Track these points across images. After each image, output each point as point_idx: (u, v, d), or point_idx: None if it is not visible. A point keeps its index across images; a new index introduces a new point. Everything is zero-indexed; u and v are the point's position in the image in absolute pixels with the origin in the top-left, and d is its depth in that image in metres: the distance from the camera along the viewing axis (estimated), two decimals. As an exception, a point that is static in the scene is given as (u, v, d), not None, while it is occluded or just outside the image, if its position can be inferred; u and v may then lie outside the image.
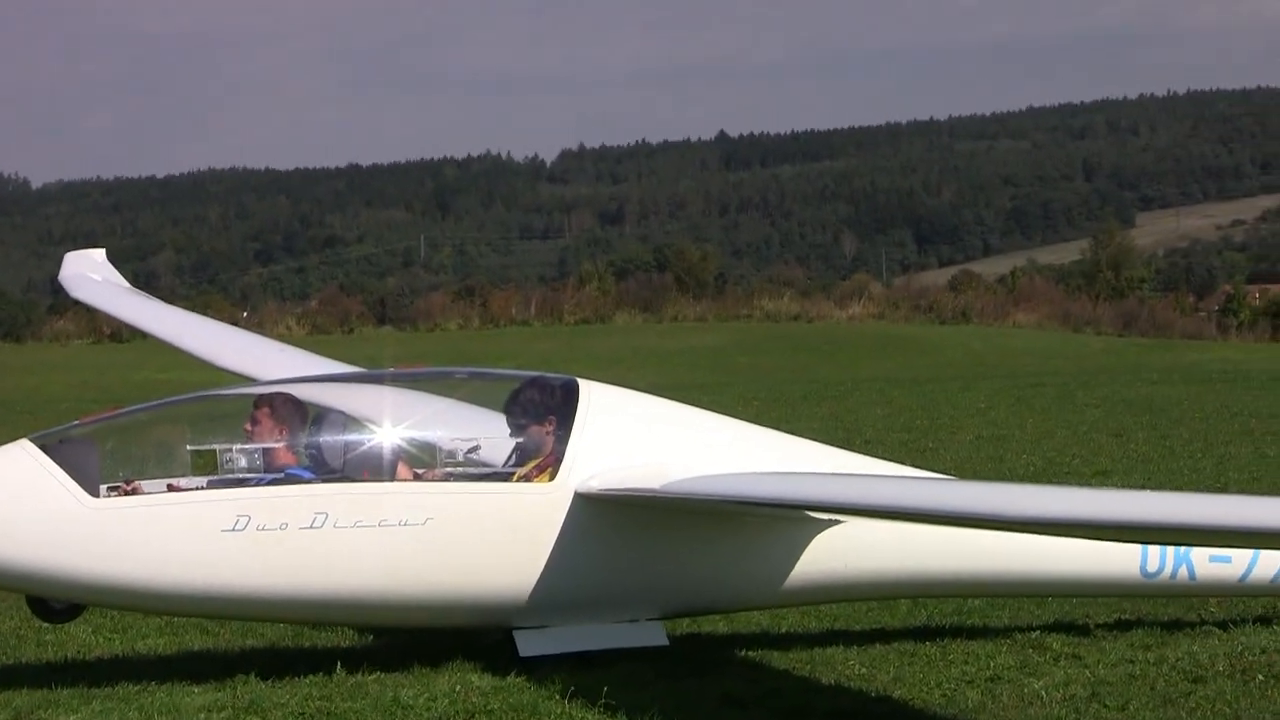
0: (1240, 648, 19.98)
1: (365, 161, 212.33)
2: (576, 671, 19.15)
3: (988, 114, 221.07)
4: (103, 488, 18.98)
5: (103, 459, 19.26)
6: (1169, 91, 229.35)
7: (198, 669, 19.73)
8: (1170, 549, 20.26)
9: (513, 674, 19.24)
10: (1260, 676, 18.89)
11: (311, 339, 55.53)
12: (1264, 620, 20.83)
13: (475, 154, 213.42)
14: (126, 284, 34.90)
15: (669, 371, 31.30)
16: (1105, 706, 18.02)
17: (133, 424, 20.31)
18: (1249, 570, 20.50)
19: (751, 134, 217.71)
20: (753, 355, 65.97)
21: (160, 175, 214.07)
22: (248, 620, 20.52)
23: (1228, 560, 20.45)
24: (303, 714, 18.01)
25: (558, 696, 18.34)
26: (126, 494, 19.03)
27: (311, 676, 19.19)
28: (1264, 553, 20.27)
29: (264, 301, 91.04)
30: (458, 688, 18.81)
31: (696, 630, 20.93)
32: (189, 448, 19.62)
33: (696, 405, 21.29)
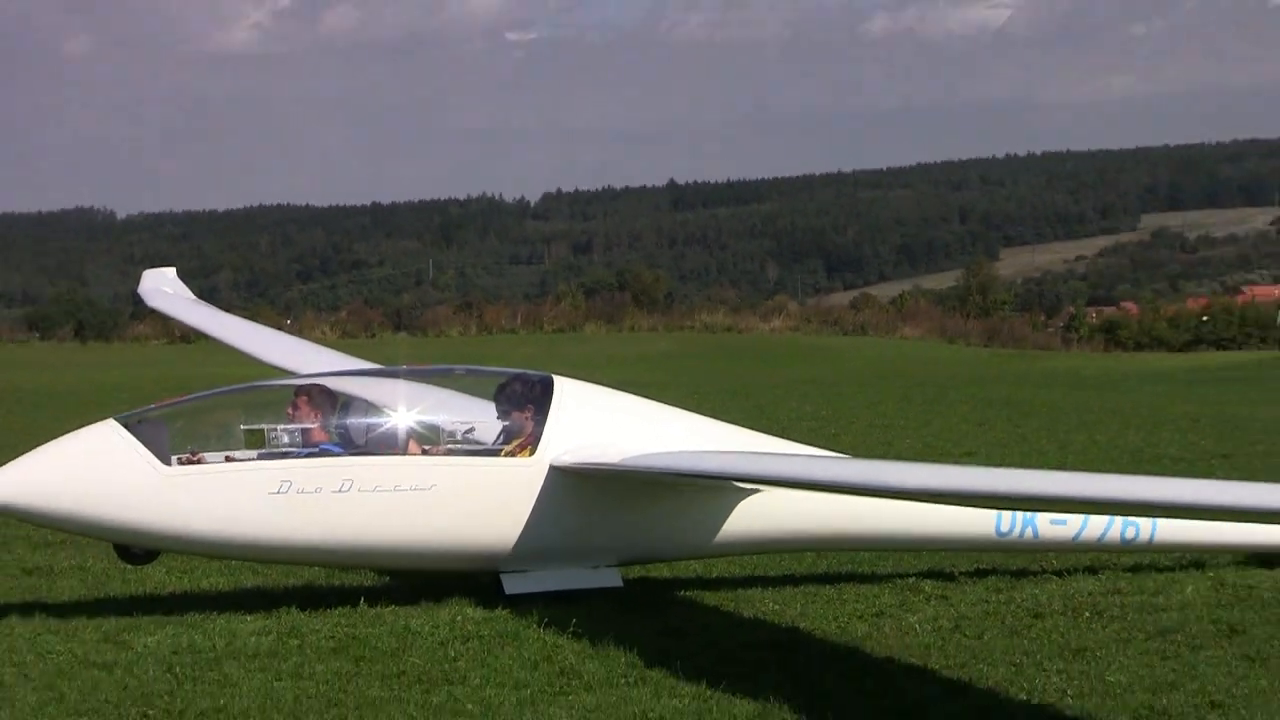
0: (1072, 591, 20.16)
1: (385, 200, 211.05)
2: (550, 606, 19.28)
3: (884, 168, 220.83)
4: (173, 458, 19.12)
5: (173, 435, 19.39)
6: (1029, 152, 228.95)
7: (249, 602, 19.81)
8: (1019, 514, 20.42)
9: (500, 608, 19.39)
10: (1087, 613, 19.06)
11: (341, 342, 55.29)
12: (1091, 570, 20.99)
13: (474, 195, 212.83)
14: (193, 296, 35.01)
15: (627, 372, 31.23)
16: (965, 635, 18.21)
17: (197, 407, 20.43)
18: (1080, 531, 20.65)
19: (695, 182, 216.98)
20: (694, 359, 65.75)
21: (220, 209, 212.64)
22: (288, 565, 20.63)
23: (1064, 523, 20.58)
24: (333, 637, 18.14)
25: (535, 625, 18.53)
26: (192, 463, 19.18)
27: (340, 608, 19.29)
28: (1093, 517, 20.46)
29: (303, 312, 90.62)
30: (456, 618, 18.97)
31: (645, 575, 21.03)
32: (242, 427, 19.69)
33: (649, 399, 21.43)
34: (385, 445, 19.71)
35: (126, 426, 19.26)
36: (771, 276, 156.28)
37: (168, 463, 19.07)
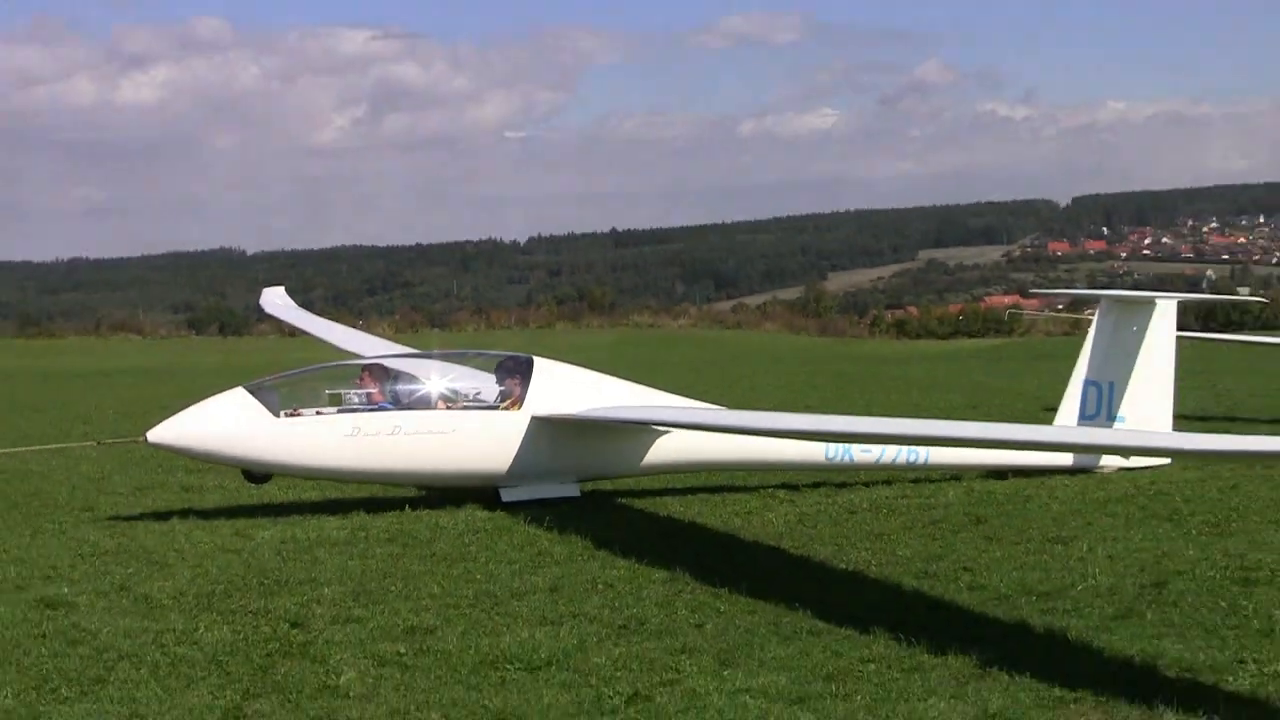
0: (875, 496, 20.03)
1: (425, 242, 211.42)
2: (531, 509, 19.16)
3: (754, 220, 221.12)
4: (281, 412, 19.00)
5: (281, 398, 19.25)
6: (846, 210, 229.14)
7: (332, 508, 19.61)
8: (840, 445, 20.35)
9: (498, 510, 19.24)
10: (884, 510, 18.97)
11: (394, 335, 55.22)
12: (887, 482, 20.83)
13: (484, 238, 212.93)
14: (295, 305, 34.88)
15: (584, 355, 31.20)
16: (805, 526, 18.09)
17: (297, 378, 20.25)
18: (880, 457, 20.58)
19: (630, 229, 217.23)
20: (629, 346, 65.45)
21: (315, 247, 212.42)
22: (357, 484, 20.33)
23: (870, 451, 20.50)
24: (387, 531, 17.98)
25: (522, 522, 18.38)
26: (293, 416, 19.04)
27: (392, 512, 19.09)
28: (888, 447, 20.41)
29: (370, 316, 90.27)
30: (470, 517, 18.80)
31: (595, 488, 20.86)
32: (327, 391, 19.57)
33: (599, 372, 21.28)
34: (422, 403, 19.56)
35: (250, 392, 19.22)
36: (679, 292, 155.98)
37: (277, 415, 18.98)
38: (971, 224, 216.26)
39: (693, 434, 20.03)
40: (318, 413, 19.18)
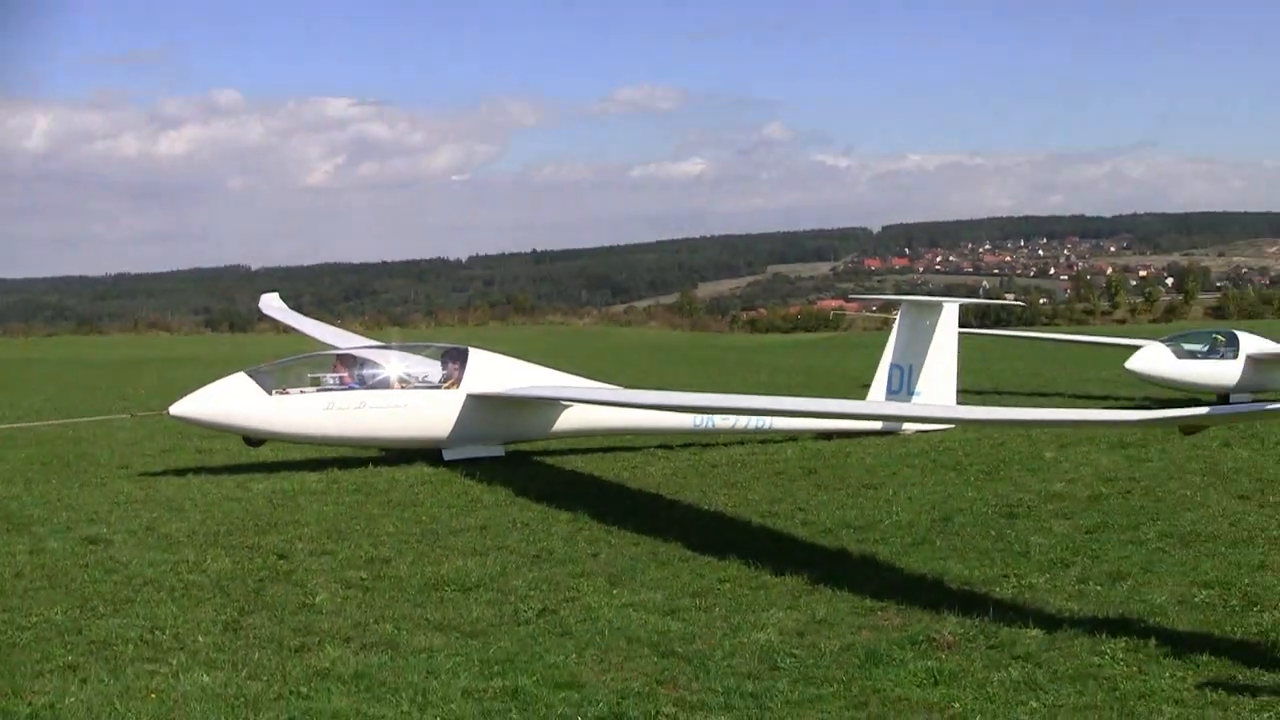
0: (732, 454, 19.95)
1: (389, 259, 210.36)
2: (468, 465, 18.97)
3: (642, 242, 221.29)
4: (274, 392, 18.66)
5: (274, 380, 18.89)
6: (713, 235, 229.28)
7: (312, 465, 19.33)
8: (704, 415, 20.29)
9: (441, 466, 19.03)
10: (738, 465, 18.89)
11: (364, 331, 54.87)
12: (740, 443, 20.76)
13: (435, 257, 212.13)
14: (289, 309, 34.29)
15: (511, 347, 30.83)
16: (678, 478, 18.00)
17: (287, 365, 19.80)
18: (736, 423, 20.53)
19: (548, 250, 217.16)
20: (545, 340, 65.20)
21: (305, 264, 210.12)
22: (332, 447, 19.82)
23: (728, 420, 20.46)
24: (354, 483, 17.70)
25: (460, 475, 18.19)
26: (284, 395, 18.70)
27: (359, 468, 18.84)
28: (742, 416, 20.35)
29: (347, 317, 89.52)
30: (418, 472, 18.57)
31: (515, 450, 20.68)
32: (309, 375, 19.23)
33: (522, 359, 21.04)
34: (382, 384, 19.25)
35: (249, 376, 18.86)
36: (584, 298, 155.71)
37: (270, 394, 18.61)
38: (807, 245, 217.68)
39: (592, 407, 19.88)
40: (302, 392, 18.85)
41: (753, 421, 20.59)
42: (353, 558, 13.01)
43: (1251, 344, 26.86)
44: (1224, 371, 26.46)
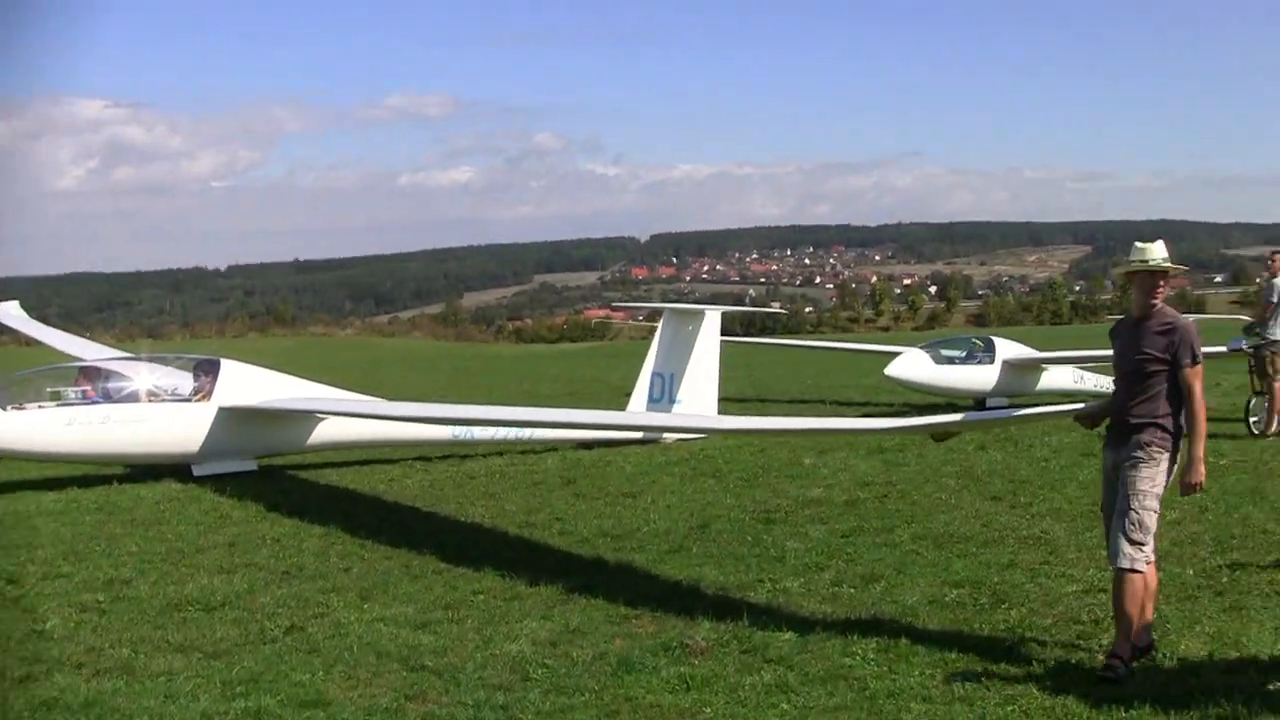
0: (492, 464, 19.79)
1: (144, 269, 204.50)
2: (217, 481, 18.45)
3: (407, 251, 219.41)
4: (9, 406, 17.83)
5: (9, 394, 18.08)
6: (480, 244, 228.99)
7: (54, 485, 18.56)
8: (464, 427, 20.02)
9: (190, 482, 18.41)
10: (497, 475, 18.68)
11: (117, 344, 53.11)
12: (499, 454, 20.62)
13: (191, 266, 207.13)
14: (30, 319, 32.42)
15: (270, 358, 29.72)
16: (435, 489, 17.75)
17: (23, 378, 18.99)
18: (495, 434, 20.34)
19: (310, 260, 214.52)
20: (304, 351, 63.88)
21: (53, 273, 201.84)
22: (77, 464, 18.92)
23: (487, 430, 20.24)
24: (95, 501, 17.00)
25: (209, 490, 17.65)
26: (20, 410, 17.88)
27: (100, 486, 18.09)
28: (501, 428, 20.18)
29: (97, 329, 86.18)
30: (165, 489, 17.95)
31: (269, 464, 20.18)
32: (49, 389, 18.46)
33: (277, 371, 20.47)
34: (129, 398, 18.57)
35: (-20, 389, 18.04)
36: (348, 308, 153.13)
37: (5, 409, 17.76)
38: (575, 255, 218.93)
39: (350, 419, 19.51)
40: (40, 406, 18.04)
41: (512, 432, 20.46)
42: (90, 580, 12.48)
43: (1008, 350, 27.88)
44: (981, 377, 27.37)
